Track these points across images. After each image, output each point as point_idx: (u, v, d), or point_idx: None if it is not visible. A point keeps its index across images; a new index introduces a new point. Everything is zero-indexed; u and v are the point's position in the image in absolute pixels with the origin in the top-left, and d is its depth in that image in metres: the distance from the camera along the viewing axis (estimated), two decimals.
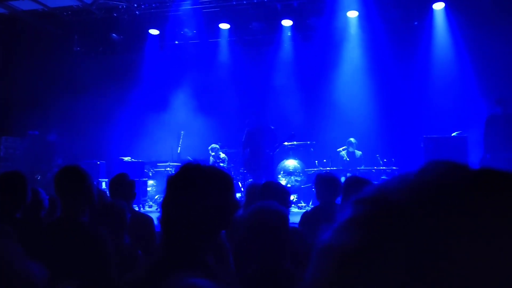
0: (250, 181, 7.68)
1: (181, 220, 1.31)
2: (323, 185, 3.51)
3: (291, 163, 8.88)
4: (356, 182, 3.10)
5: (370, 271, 0.33)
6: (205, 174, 1.35)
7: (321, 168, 8.24)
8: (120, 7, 9.48)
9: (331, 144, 8.78)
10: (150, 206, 8.70)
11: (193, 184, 1.33)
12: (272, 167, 7.49)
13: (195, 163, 1.39)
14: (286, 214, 1.97)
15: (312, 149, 8.97)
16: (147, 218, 3.61)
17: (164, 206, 1.36)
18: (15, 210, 2.52)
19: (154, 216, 4.30)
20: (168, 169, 8.81)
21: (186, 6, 9.25)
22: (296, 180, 8.71)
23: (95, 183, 2.42)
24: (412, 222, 0.33)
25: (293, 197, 8.26)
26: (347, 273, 0.34)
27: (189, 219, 1.30)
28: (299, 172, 8.75)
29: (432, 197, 0.35)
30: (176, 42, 10.05)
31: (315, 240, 0.40)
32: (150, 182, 9.21)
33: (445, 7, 8.89)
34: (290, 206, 3.59)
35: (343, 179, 7.88)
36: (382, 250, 0.33)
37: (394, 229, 0.34)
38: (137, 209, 7.80)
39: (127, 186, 3.51)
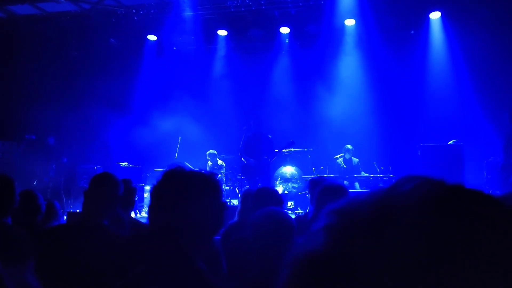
0: (247, 187, 7.67)
1: (168, 228, 1.30)
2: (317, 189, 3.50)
3: (288, 170, 8.88)
4: (331, 191, 3.06)
5: (335, 279, 0.35)
6: (188, 179, 1.34)
7: (318, 175, 8.25)
8: (118, 12, 9.51)
9: (328, 151, 8.80)
10: (147, 212, 8.66)
11: (176, 190, 1.32)
12: (269, 173, 7.50)
13: (177, 168, 1.37)
14: (293, 224, 1.98)
15: (309, 156, 8.98)
16: (142, 225, 3.60)
17: (151, 214, 1.35)
18: (2, 215, 2.50)
19: None
20: None
21: (185, 13, 9.29)
22: (293, 187, 8.70)
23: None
24: (375, 235, 0.35)
25: (290, 204, 8.26)
26: (314, 279, 0.36)
27: (176, 226, 1.29)
28: (296, 179, 8.75)
29: (394, 212, 0.36)
30: (174, 48, 10.08)
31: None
32: (147, 187, 9.19)
33: (442, 16, 8.97)
34: None
35: (346, 183, 7.97)
36: (347, 259, 0.35)
37: (358, 240, 0.35)
38: (133, 215, 7.78)
39: (128, 193, 3.49)
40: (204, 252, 1.37)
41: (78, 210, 7.41)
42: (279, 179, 8.77)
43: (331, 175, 8.00)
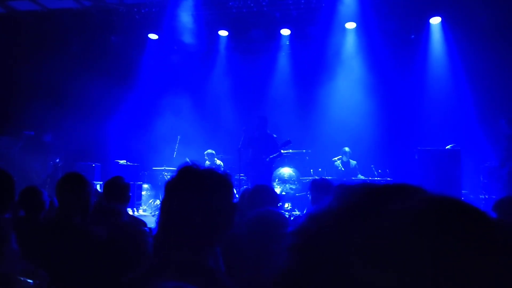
0: (245, 187, 7.68)
1: (181, 224, 1.29)
2: (319, 191, 3.53)
3: (286, 171, 8.90)
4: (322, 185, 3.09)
5: None
6: (203, 177, 1.34)
7: (316, 177, 8.27)
8: (120, 10, 9.50)
9: (327, 153, 8.83)
10: (145, 210, 8.67)
11: (191, 187, 1.31)
12: (271, 173, 7.53)
13: (192, 166, 1.37)
14: (289, 224, 1.99)
15: (307, 157, 9.01)
16: (140, 222, 3.62)
17: (164, 210, 1.35)
18: (2, 210, 2.51)
19: (147, 220, 4.30)
20: (165, 173, 8.80)
21: (186, 12, 9.31)
22: (291, 188, 8.72)
23: (94, 187, 2.54)
24: (321, 251, 0.39)
25: (287, 205, 8.28)
26: None
27: (189, 223, 1.28)
28: (294, 180, 8.77)
29: (330, 226, 0.40)
30: (175, 48, 10.08)
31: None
32: (145, 186, 9.20)
33: (442, 21, 9.02)
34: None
35: None
36: (307, 277, 0.38)
37: (311, 258, 0.39)
38: (131, 212, 7.78)
39: (122, 189, 3.50)
40: (214, 251, 1.37)
41: None
42: (277, 180, 8.79)
43: (329, 177, 8.02)
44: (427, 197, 0.40)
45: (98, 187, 8.39)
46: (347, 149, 8.57)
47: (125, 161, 9.23)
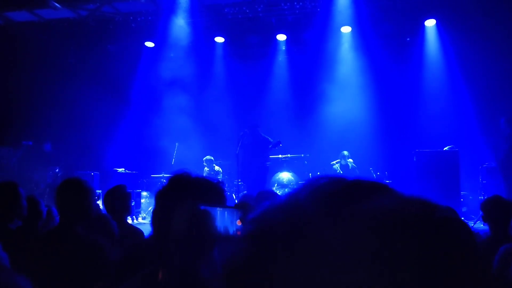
0: (245, 192, 7.69)
1: (172, 233, 1.27)
2: None
3: (285, 176, 8.91)
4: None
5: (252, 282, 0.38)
6: (194, 185, 1.33)
7: None
8: (116, 19, 9.54)
9: (325, 157, 8.84)
10: (144, 218, 8.66)
11: (181, 195, 1.30)
12: (265, 178, 7.55)
13: (183, 174, 1.36)
14: None
15: (306, 162, 9.02)
16: (137, 231, 3.57)
17: (155, 219, 1.35)
18: (8, 221, 2.51)
19: (146, 228, 4.28)
20: (163, 180, 8.78)
21: (182, 19, 9.35)
22: None
23: (96, 193, 2.49)
24: (278, 243, 0.38)
25: None
26: (236, 281, 0.40)
27: (180, 232, 1.26)
28: (293, 185, 8.78)
29: (289, 220, 0.40)
30: (172, 55, 10.12)
31: None
32: (144, 193, 9.19)
33: (437, 23, 9.07)
34: None
35: None
36: (265, 266, 0.38)
37: (267, 248, 0.39)
38: (130, 221, 7.77)
39: (123, 198, 3.48)
40: (206, 259, 1.36)
41: None
42: (276, 185, 8.80)
43: None
44: (396, 200, 0.40)
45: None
46: (345, 152, 8.59)
47: (123, 169, 9.23)
